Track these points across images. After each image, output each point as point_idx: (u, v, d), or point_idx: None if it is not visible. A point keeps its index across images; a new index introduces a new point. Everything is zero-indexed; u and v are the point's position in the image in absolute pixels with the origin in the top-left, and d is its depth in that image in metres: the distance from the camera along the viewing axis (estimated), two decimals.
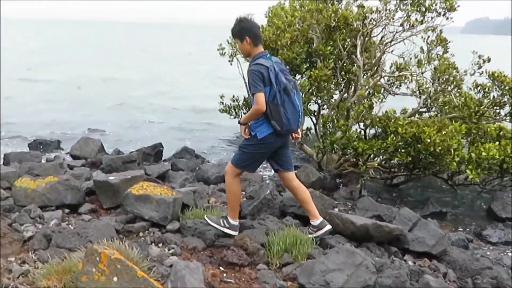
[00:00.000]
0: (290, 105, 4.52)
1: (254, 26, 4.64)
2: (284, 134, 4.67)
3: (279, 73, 4.49)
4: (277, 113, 4.45)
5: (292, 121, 4.58)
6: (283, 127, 4.52)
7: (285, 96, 4.47)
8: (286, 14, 10.30)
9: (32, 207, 5.44)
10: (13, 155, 8.33)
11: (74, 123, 12.73)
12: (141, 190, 5.33)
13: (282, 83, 4.46)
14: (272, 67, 4.47)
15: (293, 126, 4.64)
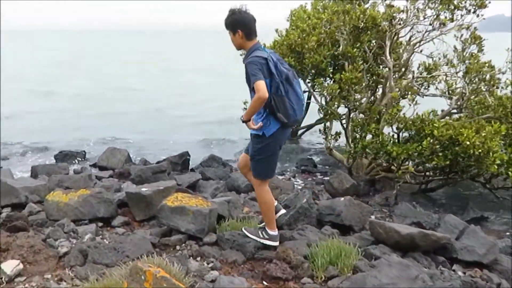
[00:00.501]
0: (294, 94, 4.32)
1: (246, 19, 4.38)
2: (291, 125, 4.46)
3: (278, 63, 4.29)
4: (283, 105, 4.24)
5: (298, 111, 4.37)
6: (290, 118, 4.30)
7: (288, 86, 4.27)
8: (309, 17, 10.14)
9: (65, 221, 5.33)
10: (41, 167, 8.27)
11: (98, 133, 12.66)
12: (176, 201, 5.18)
13: (283, 73, 4.26)
14: (269, 57, 4.24)
15: (298, 116, 4.43)
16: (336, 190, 7.37)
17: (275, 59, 4.30)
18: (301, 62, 9.06)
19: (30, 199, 6.26)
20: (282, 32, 10.32)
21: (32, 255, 4.54)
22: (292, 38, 8.85)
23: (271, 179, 7.48)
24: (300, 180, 8.55)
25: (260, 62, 4.17)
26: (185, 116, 15.67)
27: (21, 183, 6.45)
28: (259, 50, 4.32)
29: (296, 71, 9.41)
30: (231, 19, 4.41)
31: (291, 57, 9.04)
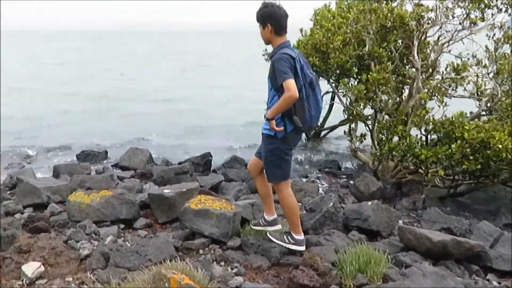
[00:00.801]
0: (314, 100, 4.20)
1: (277, 13, 4.23)
2: (304, 131, 4.34)
3: (304, 66, 4.17)
4: (302, 109, 4.10)
5: (314, 117, 4.27)
6: (305, 124, 4.18)
7: (310, 90, 4.16)
8: (334, 16, 9.95)
9: (87, 222, 5.26)
10: (63, 166, 8.24)
11: (120, 133, 12.63)
12: (200, 204, 5.06)
13: (307, 76, 4.14)
14: (297, 58, 4.13)
15: (314, 123, 4.35)
16: (362, 193, 7.18)
17: (302, 61, 4.20)
18: (325, 62, 8.90)
19: (52, 199, 6.22)
20: (307, 31, 10.15)
21: (54, 257, 4.47)
22: (317, 38, 8.69)
23: (294, 182, 7.40)
24: (325, 183, 8.36)
25: (289, 60, 4.04)
26: (206, 116, 15.56)
27: (43, 183, 6.41)
28: (288, 48, 4.20)
29: (320, 71, 9.31)
30: (262, 12, 4.29)
31: (316, 56, 8.88)
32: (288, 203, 4.52)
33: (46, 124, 13.89)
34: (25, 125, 13.69)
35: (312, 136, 12.00)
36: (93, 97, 19.63)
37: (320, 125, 12.06)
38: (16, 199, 6.30)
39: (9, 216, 5.83)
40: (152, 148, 10.72)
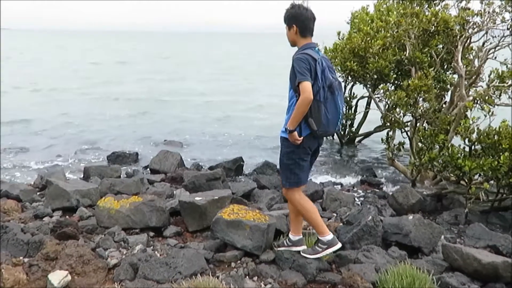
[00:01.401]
0: (333, 104, 4.05)
1: (303, 15, 4.17)
2: (319, 136, 4.15)
3: (326, 69, 4.06)
4: (318, 111, 3.98)
5: (331, 122, 4.08)
6: (320, 128, 4.02)
7: (329, 93, 4.03)
8: (372, 20, 9.64)
9: (116, 229, 5.10)
10: (93, 168, 8.15)
11: (151, 135, 12.54)
12: (233, 214, 4.83)
13: (328, 79, 4.03)
14: (320, 60, 4.02)
15: (331, 129, 4.15)
16: (401, 205, 6.85)
17: (325, 64, 4.09)
18: (364, 67, 8.60)
19: (82, 203, 6.11)
20: (345, 35, 9.86)
21: (81, 265, 4.31)
22: (355, 42, 8.38)
23: (329, 191, 7.13)
24: (360, 192, 8.04)
25: (309, 61, 3.97)
26: (238, 119, 15.34)
27: (73, 186, 6.30)
28: (311, 49, 4.11)
29: (358, 76, 9.02)
30: (288, 13, 4.24)
31: (354, 61, 8.59)
32: (305, 207, 4.35)
33: (79, 124, 13.93)
34: (58, 124, 13.75)
35: (346, 142, 11.68)
36: (130, 98, 19.66)
37: (355, 131, 11.74)
38: (45, 202, 6.22)
39: (38, 220, 5.74)
40: (183, 150, 10.59)
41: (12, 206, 6.17)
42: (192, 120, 15.09)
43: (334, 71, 4.25)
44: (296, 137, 4.05)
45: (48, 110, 16.03)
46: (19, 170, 9.04)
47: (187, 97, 20.34)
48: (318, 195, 7.41)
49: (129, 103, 18.37)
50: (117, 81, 25.73)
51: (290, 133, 4.06)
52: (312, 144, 4.22)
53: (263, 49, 72.49)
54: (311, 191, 7.36)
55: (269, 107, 17.26)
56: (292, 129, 4.02)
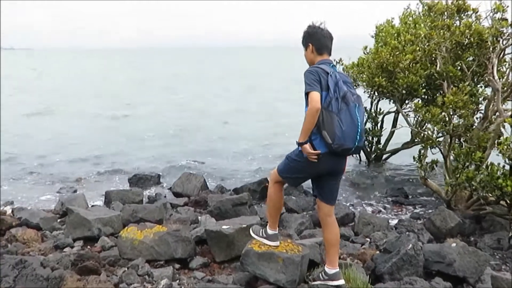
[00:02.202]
0: (348, 116, 3.83)
1: (319, 33, 4.16)
2: (337, 150, 3.84)
3: (340, 81, 3.91)
4: (331, 122, 3.80)
5: (348, 135, 3.81)
6: (335, 140, 3.79)
7: (343, 104, 3.84)
8: (399, 33, 9.31)
9: (139, 261, 4.81)
10: (115, 193, 7.92)
11: (173, 155, 12.30)
12: (263, 245, 4.52)
13: (341, 89, 3.87)
14: (333, 74, 3.93)
15: (348, 143, 3.84)
16: (438, 229, 6.46)
17: (338, 76, 3.95)
18: (392, 82, 8.26)
19: (103, 231, 5.86)
20: (371, 49, 9.55)
21: None
22: (384, 56, 8.06)
23: (361, 215, 6.78)
24: (393, 214, 7.65)
25: (319, 73, 3.89)
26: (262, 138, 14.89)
27: (94, 214, 6.05)
28: (325, 64, 4.04)
29: (386, 92, 8.67)
30: (305, 33, 4.24)
31: (382, 76, 8.26)
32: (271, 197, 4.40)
33: (101, 145, 13.78)
34: (79, 146, 13.63)
35: (373, 159, 11.30)
36: (150, 117, 19.52)
37: (382, 148, 11.36)
38: (66, 231, 5.97)
39: (58, 251, 5.49)
40: (206, 171, 10.32)
41: (32, 236, 5.94)
42: (216, 140, 14.78)
43: (352, 87, 4.08)
44: (308, 149, 3.87)
45: (69, 132, 15.95)
46: (39, 195, 8.84)
47: (212, 116, 20.02)
48: (349, 218, 7.06)
49: (150, 124, 18.20)
50: (140, 101, 25.56)
51: (301, 146, 3.91)
52: (325, 165, 3.96)
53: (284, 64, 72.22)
54: (342, 214, 7.00)
55: (297, 125, 16.90)
56: (302, 141, 3.88)
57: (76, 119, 18.67)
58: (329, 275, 4.19)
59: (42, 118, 19.05)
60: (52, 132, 15.80)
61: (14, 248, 5.48)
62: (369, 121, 11.03)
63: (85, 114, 20.03)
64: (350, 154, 4.03)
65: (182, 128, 16.89)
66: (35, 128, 16.62)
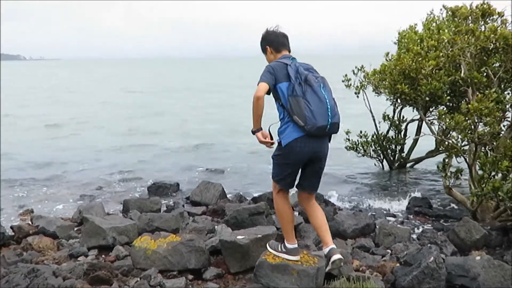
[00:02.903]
0: (314, 96, 3.98)
1: (272, 35, 4.41)
2: (311, 131, 3.95)
3: (301, 68, 4.09)
4: (298, 106, 3.95)
5: (318, 114, 3.94)
6: (307, 121, 3.92)
7: (306, 87, 4.00)
8: (422, 39, 9.10)
9: (152, 272, 4.72)
10: (133, 201, 7.88)
11: (193, 163, 12.24)
12: (278, 257, 4.40)
13: (302, 74, 4.03)
14: (292, 64, 4.11)
15: (320, 121, 3.95)
16: (463, 241, 6.21)
17: (298, 64, 4.13)
18: (415, 89, 8.06)
19: (118, 240, 5.80)
20: (393, 55, 9.36)
21: None
22: (406, 63, 7.86)
23: (382, 226, 6.58)
24: (415, 225, 7.42)
25: (273, 67, 4.11)
26: None
27: (110, 223, 6.00)
28: (284, 58, 4.25)
29: (409, 99, 8.46)
30: (260, 40, 4.46)
31: (404, 83, 8.06)
32: (280, 210, 4.42)
33: (121, 153, 13.85)
34: (100, 154, 13.72)
35: (396, 168, 11.06)
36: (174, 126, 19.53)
37: (405, 156, 11.12)
38: (81, 240, 5.93)
39: (73, 260, 5.45)
40: (225, 180, 10.21)
41: (48, 244, 5.93)
42: (237, 148, 14.65)
43: (314, 72, 4.20)
44: (261, 137, 4.18)
45: (91, 140, 16.07)
46: (57, 203, 8.86)
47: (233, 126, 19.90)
48: (370, 228, 6.86)
49: (173, 132, 18.23)
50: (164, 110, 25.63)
51: (255, 134, 4.21)
52: (305, 149, 4.07)
53: None
54: (362, 224, 6.81)
55: None
56: (254, 129, 4.19)
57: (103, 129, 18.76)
58: (326, 253, 4.32)
59: (70, 128, 19.21)
60: (79, 141, 15.93)
61: (29, 257, 5.47)
62: (392, 128, 10.82)
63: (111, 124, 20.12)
64: (327, 133, 4.09)
65: (204, 136, 16.85)
66: (63, 137, 16.76)
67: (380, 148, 10.89)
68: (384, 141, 10.79)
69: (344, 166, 11.68)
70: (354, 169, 11.47)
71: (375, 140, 10.70)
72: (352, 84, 10.29)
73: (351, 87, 10.30)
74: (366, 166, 11.47)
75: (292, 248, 4.36)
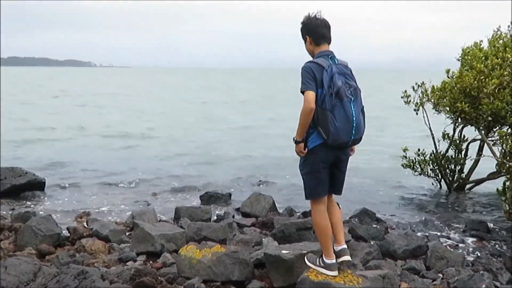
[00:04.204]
0: (342, 112, 3.98)
1: (314, 24, 4.22)
2: (332, 145, 4.06)
3: (335, 75, 4.00)
4: (324, 119, 3.96)
5: (342, 131, 4.00)
6: (330, 136, 3.98)
7: (336, 100, 3.97)
8: (487, 56, 8.77)
9: (195, 281, 4.79)
10: (184, 209, 8.03)
11: (248, 174, 12.31)
12: (320, 275, 4.33)
13: (335, 85, 3.96)
14: (329, 67, 4.02)
15: (343, 138, 4.03)
16: None
17: (334, 70, 4.03)
18: (476, 108, 7.78)
19: (166, 248, 5.92)
20: (454, 73, 9.08)
21: None
22: (467, 81, 7.61)
23: (434, 249, 6.35)
24: (471, 250, 7.10)
25: (313, 70, 4.01)
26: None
27: (159, 229, 6.14)
28: (323, 57, 4.12)
29: (470, 118, 8.17)
30: (301, 26, 4.31)
31: (465, 102, 7.80)
32: (317, 223, 4.34)
33: (179, 161, 14.09)
34: (159, 162, 14.04)
35: (455, 189, 10.66)
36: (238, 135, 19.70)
37: (465, 177, 10.70)
38: (131, 245, 6.11)
39: (121, 264, 5.60)
40: (277, 193, 10.19)
41: (99, 247, 6.12)
42: (295, 160, 14.47)
43: (350, 78, 4.13)
44: (301, 148, 4.15)
45: (152, 149, 16.47)
46: (113, 207, 9.14)
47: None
48: (422, 250, 6.63)
49: (236, 141, 18.39)
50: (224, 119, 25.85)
51: (296, 144, 4.17)
52: (328, 155, 4.15)
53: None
54: (413, 245, 6.61)
55: (369, 148, 16.47)
56: (298, 139, 4.13)
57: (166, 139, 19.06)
58: (336, 252, 4.39)
59: (134, 137, 19.72)
60: (141, 150, 16.38)
61: (81, 258, 5.66)
62: (451, 148, 10.46)
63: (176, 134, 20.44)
64: (348, 146, 4.20)
65: (266, 148, 16.85)
66: (127, 146, 17.20)
67: (438, 168, 10.54)
68: (443, 160, 10.43)
69: (400, 184, 11.39)
70: (409, 188, 11.15)
71: (433, 159, 10.37)
72: (411, 101, 10.05)
73: (410, 104, 10.05)
74: (422, 186, 11.13)
75: (330, 263, 4.30)
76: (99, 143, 17.48)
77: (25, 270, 4.95)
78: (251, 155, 15.34)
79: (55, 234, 6.51)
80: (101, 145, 16.98)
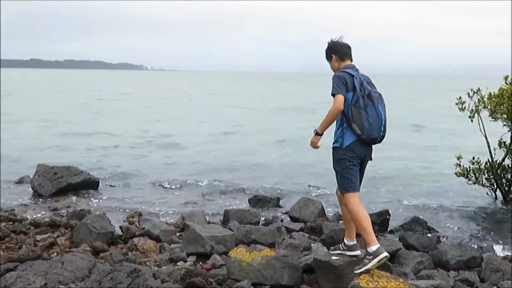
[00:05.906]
0: (373, 111, 4.54)
1: (337, 45, 4.87)
2: (365, 140, 4.58)
3: (364, 82, 4.61)
4: (359, 116, 4.49)
5: (374, 127, 4.54)
6: (364, 131, 4.51)
7: (368, 101, 4.53)
8: None
9: (245, 284, 4.84)
10: (233, 212, 8.10)
11: (296, 178, 12.28)
12: (372, 282, 4.30)
13: (366, 89, 4.56)
14: (357, 76, 4.62)
15: (375, 133, 4.57)
16: None
17: (362, 78, 4.63)
18: None
19: (216, 249, 6.00)
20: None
21: None
22: None
23: (489, 260, 6.15)
24: None
25: (344, 77, 4.59)
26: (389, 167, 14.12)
27: (209, 231, 6.22)
28: (349, 68, 4.72)
29: None
30: (326, 49, 4.94)
31: None
32: (356, 215, 4.58)
33: (229, 165, 14.16)
34: (208, 164, 14.18)
35: (511, 199, 10.27)
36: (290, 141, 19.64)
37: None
38: (182, 245, 6.21)
39: (172, 264, 5.72)
40: (325, 198, 10.12)
41: (151, 246, 6.26)
42: None
43: (374, 86, 4.71)
44: (317, 140, 4.76)
45: (203, 153, 16.60)
46: (164, 208, 9.31)
47: None
48: (476, 262, 6.44)
49: (287, 146, 18.36)
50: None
51: (315, 135, 4.72)
52: (360, 150, 4.63)
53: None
54: (467, 256, 6.43)
55: (425, 156, 16.07)
56: (320, 132, 4.71)
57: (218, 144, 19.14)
58: (348, 246, 4.95)
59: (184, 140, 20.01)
60: (195, 154, 16.46)
61: (133, 257, 5.81)
62: (508, 157, 10.09)
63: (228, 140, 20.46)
64: (376, 143, 4.67)
65: (315, 154, 16.66)
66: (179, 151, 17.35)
67: (493, 177, 10.20)
68: (499, 169, 10.08)
69: (453, 193, 11.06)
70: (463, 197, 10.80)
71: (488, 167, 10.03)
72: (466, 107, 9.77)
73: (465, 111, 9.78)
74: (476, 195, 10.77)
75: (375, 249, 4.49)
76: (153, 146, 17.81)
77: (81, 266, 5.15)
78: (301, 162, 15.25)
79: (109, 232, 6.72)
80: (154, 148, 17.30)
